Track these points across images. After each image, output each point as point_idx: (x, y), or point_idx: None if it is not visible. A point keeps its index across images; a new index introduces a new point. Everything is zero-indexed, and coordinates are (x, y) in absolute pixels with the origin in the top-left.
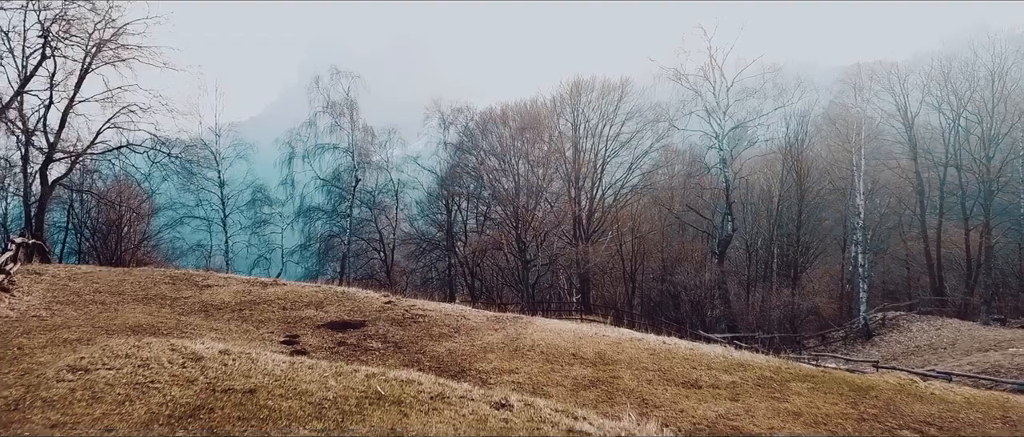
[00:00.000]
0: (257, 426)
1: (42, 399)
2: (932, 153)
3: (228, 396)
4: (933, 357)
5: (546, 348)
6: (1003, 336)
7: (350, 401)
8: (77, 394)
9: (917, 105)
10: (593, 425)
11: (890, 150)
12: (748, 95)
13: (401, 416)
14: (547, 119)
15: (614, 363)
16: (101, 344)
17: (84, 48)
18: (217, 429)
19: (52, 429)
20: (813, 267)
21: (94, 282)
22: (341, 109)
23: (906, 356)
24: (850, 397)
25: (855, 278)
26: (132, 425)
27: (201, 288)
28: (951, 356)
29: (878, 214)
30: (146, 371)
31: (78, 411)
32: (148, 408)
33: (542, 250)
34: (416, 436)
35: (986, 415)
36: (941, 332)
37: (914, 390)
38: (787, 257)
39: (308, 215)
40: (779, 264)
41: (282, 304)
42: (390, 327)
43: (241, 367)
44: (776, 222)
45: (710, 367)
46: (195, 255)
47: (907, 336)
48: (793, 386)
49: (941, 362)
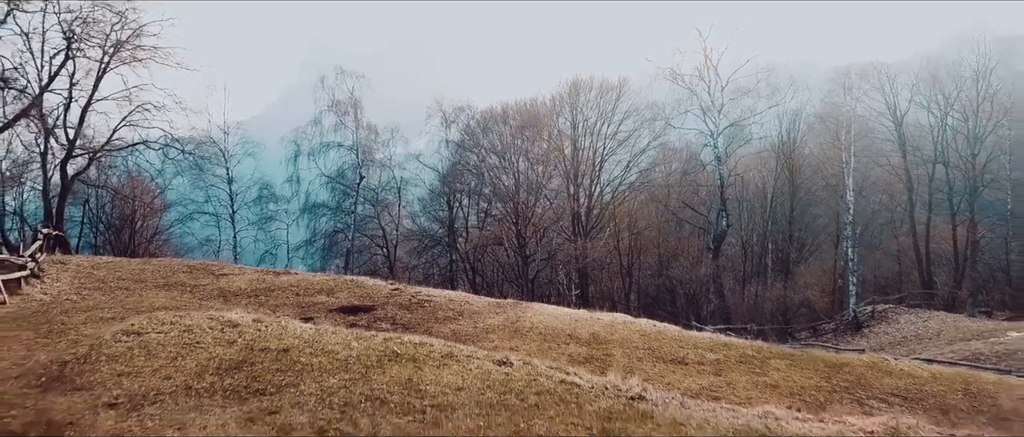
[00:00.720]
0: (293, 376)
1: (106, 355)
2: (921, 151)
3: (265, 353)
4: (918, 346)
5: (544, 329)
6: (986, 327)
7: (371, 358)
8: (134, 351)
9: (906, 104)
10: (582, 379)
11: (880, 148)
12: (742, 94)
13: (416, 369)
14: (546, 118)
15: (607, 343)
16: (146, 315)
17: (102, 48)
18: (259, 378)
19: (119, 378)
20: (807, 262)
21: (116, 271)
22: (345, 108)
23: (893, 346)
24: (825, 372)
25: (846, 272)
26: (186, 375)
27: (217, 276)
28: (935, 345)
29: (870, 211)
30: (190, 335)
31: (138, 364)
32: (197, 362)
33: (541, 246)
34: (430, 384)
35: (949, 388)
36: (928, 324)
37: (884, 367)
38: (781, 253)
39: (313, 211)
40: (773, 259)
41: (295, 291)
42: (398, 311)
43: (273, 331)
44: (770, 218)
45: (697, 347)
46: (204, 250)
47: (895, 328)
48: (772, 363)
49: (925, 351)
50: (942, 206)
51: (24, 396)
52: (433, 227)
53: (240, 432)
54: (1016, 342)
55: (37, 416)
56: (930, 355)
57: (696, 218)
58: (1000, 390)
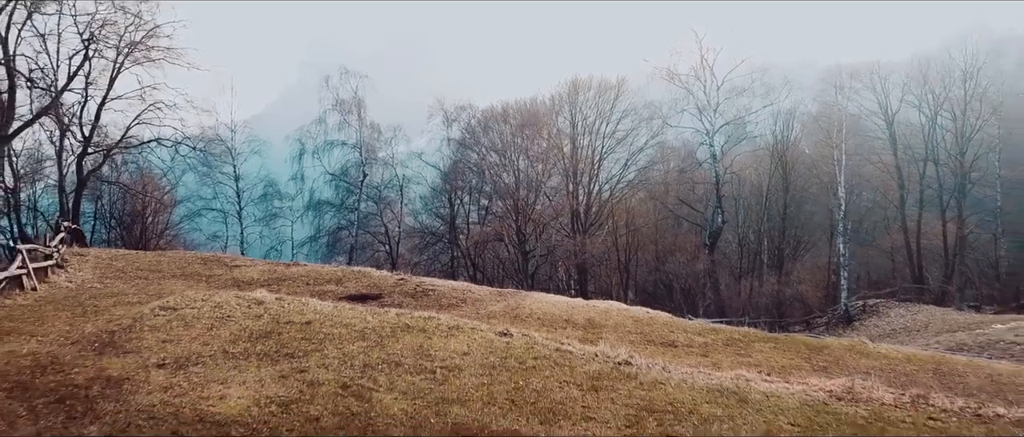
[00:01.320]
0: (317, 344)
1: (148, 326)
2: (912, 149)
3: (290, 325)
4: (907, 338)
5: (542, 315)
6: (973, 319)
7: (385, 329)
8: (173, 323)
9: (898, 103)
10: (575, 348)
11: (873, 146)
12: (738, 94)
13: (426, 338)
14: (546, 117)
15: (601, 327)
16: (177, 295)
17: (117, 48)
18: (287, 345)
19: (163, 344)
20: (802, 258)
21: (134, 262)
22: (349, 107)
23: (882, 338)
24: (805, 353)
25: (838, 268)
26: (222, 341)
27: (230, 268)
28: (922, 337)
29: (864, 208)
30: (221, 310)
31: (178, 333)
32: (231, 332)
33: (541, 242)
34: (439, 350)
35: (921, 368)
36: (917, 317)
37: (862, 349)
38: (776, 249)
39: (317, 209)
40: (769, 255)
41: (305, 281)
42: (404, 298)
43: (296, 308)
44: (765, 215)
45: (686, 331)
46: (211, 246)
47: (885, 321)
48: (756, 346)
49: (912, 342)
50: (933, 203)
51: (82, 358)
52: (435, 224)
53: (275, 385)
54: (999, 333)
55: (97, 373)
56: (916, 345)
57: (693, 215)
58: (969, 370)
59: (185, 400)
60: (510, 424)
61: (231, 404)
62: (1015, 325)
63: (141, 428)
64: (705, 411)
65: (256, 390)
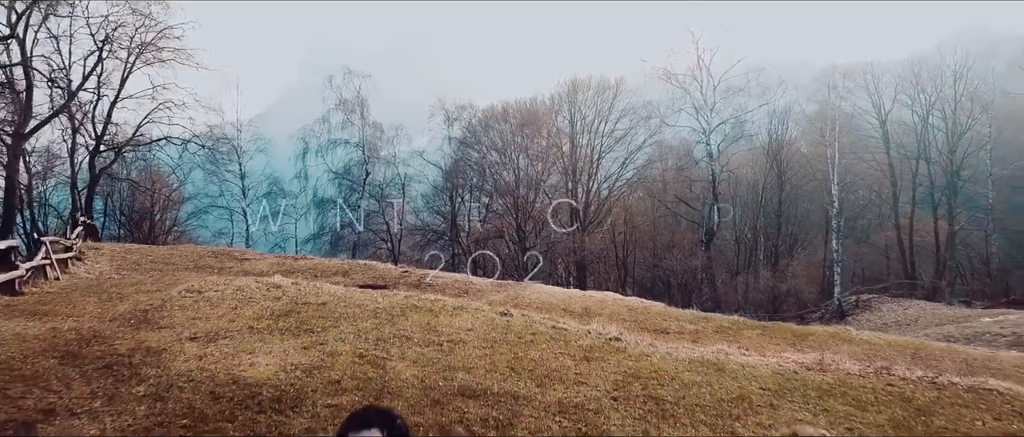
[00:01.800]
0: (333, 321)
1: (177, 306)
2: (905, 147)
3: (307, 306)
4: (897, 331)
5: (540, 304)
6: (962, 314)
7: (395, 309)
8: (200, 304)
9: (890, 103)
10: (570, 326)
11: (866, 145)
12: (734, 93)
13: (433, 317)
14: (546, 116)
15: (597, 315)
16: (199, 280)
17: (128, 49)
18: (306, 322)
19: (193, 321)
20: (796, 255)
21: (148, 255)
22: (352, 106)
23: (873, 331)
24: (791, 339)
25: (832, 263)
26: (246, 319)
27: (240, 260)
28: (912, 330)
29: (858, 206)
30: (243, 293)
31: (206, 311)
32: (254, 311)
33: (541, 239)
34: (445, 326)
35: (900, 353)
36: (908, 311)
37: (845, 336)
38: (772, 245)
39: (321, 206)
40: (764, 252)
41: (313, 272)
42: (409, 289)
43: (311, 290)
44: (761, 212)
45: (678, 319)
46: (217, 242)
47: (877, 315)
48: (745, 332)
49: (902, 335)
50: (925, 201)
51: (121, 332)
52: (436, 221)
53: (298, 355)
54: (986, 326)
55: (136, 344)
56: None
57: (690, 213)
58: (946, 354)
59: (219, 366)
60: (510, 387)
61: (260, 370)
62: (1002, 318)
63: (182, 389)
64: (686, 378)
65: (281, 358)
